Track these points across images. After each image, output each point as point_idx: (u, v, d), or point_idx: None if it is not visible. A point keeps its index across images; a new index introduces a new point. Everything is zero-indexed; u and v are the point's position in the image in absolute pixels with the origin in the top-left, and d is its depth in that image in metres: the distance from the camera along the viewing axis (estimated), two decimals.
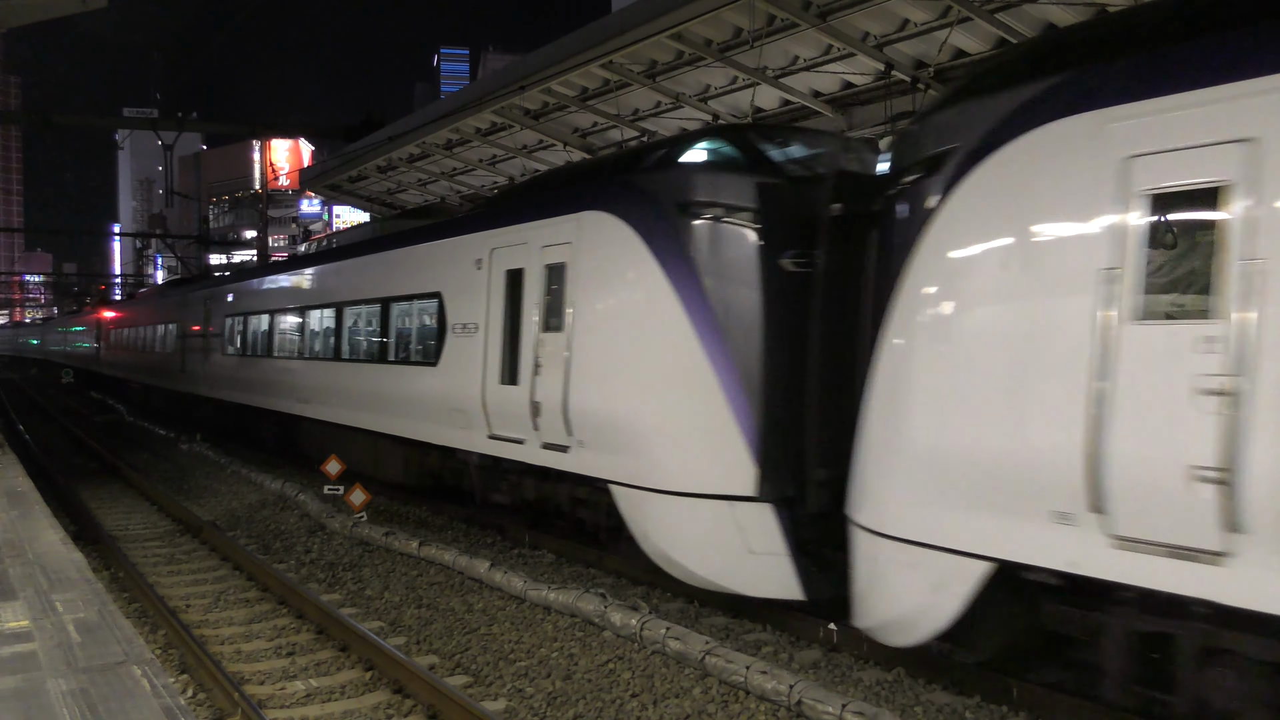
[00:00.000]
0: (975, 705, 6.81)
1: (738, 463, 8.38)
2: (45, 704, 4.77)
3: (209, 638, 8.54)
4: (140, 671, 5.26)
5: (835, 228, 8.18)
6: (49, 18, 12.88)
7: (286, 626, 8.98)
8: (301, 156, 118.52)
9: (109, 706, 4.74)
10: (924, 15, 11.73)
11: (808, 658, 7.85)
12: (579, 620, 8.71)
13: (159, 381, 29.58)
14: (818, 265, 8.34)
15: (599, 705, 6.86)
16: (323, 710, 6.92)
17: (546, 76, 14.92)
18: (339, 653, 8.16)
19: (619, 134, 16.98)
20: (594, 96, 15.92)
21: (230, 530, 13.30)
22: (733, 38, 13.07)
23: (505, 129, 18.16)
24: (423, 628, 8.83)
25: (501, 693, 7.20)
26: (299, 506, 14.50)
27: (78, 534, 12.46)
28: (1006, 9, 11.08)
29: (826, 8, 11.83)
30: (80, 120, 32.21)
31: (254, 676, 7.57)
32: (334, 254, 17.93)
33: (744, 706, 6.72)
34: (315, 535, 12.83)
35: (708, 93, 14.99)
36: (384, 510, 14.42)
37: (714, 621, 8.86)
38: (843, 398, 7.48)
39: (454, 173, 22.19)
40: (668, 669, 7.45)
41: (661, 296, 8.76)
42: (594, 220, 9.66)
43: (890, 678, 7.37)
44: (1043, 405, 5.71)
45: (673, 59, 14.14)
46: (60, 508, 14.26)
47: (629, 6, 13.14)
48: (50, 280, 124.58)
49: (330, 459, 14.60)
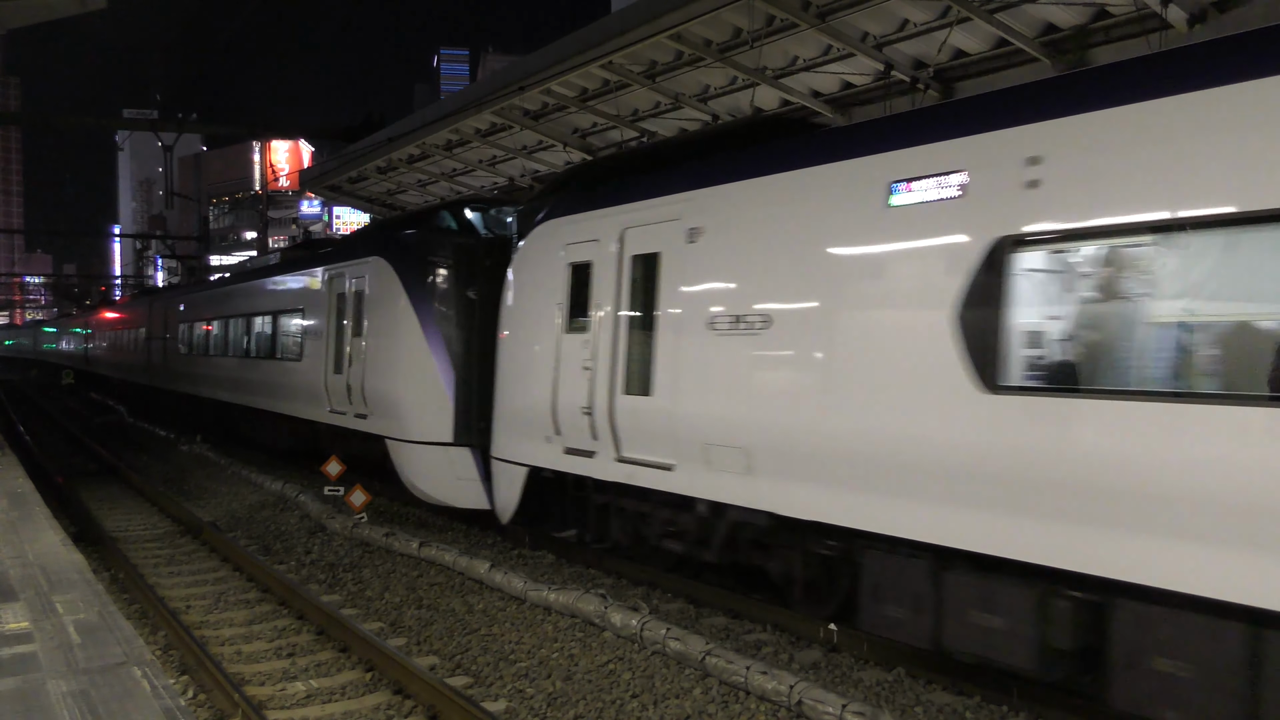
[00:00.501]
0: (976, 705, 6.81)
1: (449, 422, 12.75)
2: (45, 705, 4.77)
3: (209, 639, 8.54)
4: (140, 673, 5.26)
5: (489, 270, 12.76)
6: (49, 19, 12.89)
7: (287, 627, 8.98)
8: (301, 157, 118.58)
9: (109, 708, 4.74)
10: (924, 15, 11.73)
11: (808, 658, 7.85)
12: (579, 621, 8.71)
13: (129, 377, 34.97)
14: (481, 294, 12.84)
15: (599, 706, 6.86)
16: (323, 711, 6.92)
17: (546, 77, 14.93)
18: (339, 653, 8.16)
19: (619, 134, 16.99)
20: (594, 97, 15.93)
21: (230, 531, 13.31)
22: (732, 38, 13.08)
23: (505, 130, 18.16)
24: (423, 628, 8.83)
25: (502, 693, 7.20)
26: (299, 507, 14.50)
27: (78, 535, 12.47)
28: (1006, 9, 11.08)
29: (826, 8, 11.83)
30: (80, 121, 32.24)
31: (254, 677, 7.57)
32: (242, 276, 22.96)
33: (744, 707, 6.72)
34: (315, 536, 12.83)
35: (707, 93, 15.00)
36: (384, 511, 14.42)
37: (714, 622, 8.86)
38: (489, 379, 11.89)
39: (454, 174, 22.19)
40: (668, 669, 7.45)
41: (408, 314, 13.12)
42: (376, 263, 14.11)
43: (890, 678, 7.37)
44: (540, 378, 10.40)
45: (672, 59, 14.15)
46: (60, 509, 14.27)
47: (628, 7, 13.15)
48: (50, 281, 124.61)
49: (330, 460, 14.62)
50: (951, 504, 6.34)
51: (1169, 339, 5.60)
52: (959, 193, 6.43)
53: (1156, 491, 5.35)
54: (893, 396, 6.71)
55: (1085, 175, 5.78)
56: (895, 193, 6.83)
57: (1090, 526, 5.62)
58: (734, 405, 7.95)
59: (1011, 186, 6.11)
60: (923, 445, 6.50)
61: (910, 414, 6.58)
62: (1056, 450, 5.77)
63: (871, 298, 7.04)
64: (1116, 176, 5.64)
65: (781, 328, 7.60)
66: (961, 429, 6.25)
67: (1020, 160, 6.07)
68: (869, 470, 6.87)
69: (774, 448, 7.61)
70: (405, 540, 11.69)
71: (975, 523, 6.20)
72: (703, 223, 8.44)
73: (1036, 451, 5.86)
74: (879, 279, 7.05)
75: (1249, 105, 5.16)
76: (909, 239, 6.74)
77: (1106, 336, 5.93)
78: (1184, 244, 5.45)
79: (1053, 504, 5.79)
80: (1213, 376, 5.38)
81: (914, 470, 6.55)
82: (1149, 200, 5.47)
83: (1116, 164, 5.65)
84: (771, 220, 7.89)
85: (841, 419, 7.06)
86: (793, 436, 7.44)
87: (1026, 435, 5.92)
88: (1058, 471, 5.76)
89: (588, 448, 9.71)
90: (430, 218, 14.40)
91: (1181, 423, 5.28)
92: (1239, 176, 5.16)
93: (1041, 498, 5.84)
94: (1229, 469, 5.07)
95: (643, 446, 8.97)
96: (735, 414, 7.94)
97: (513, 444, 11.08)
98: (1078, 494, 5.67)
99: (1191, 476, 5.21)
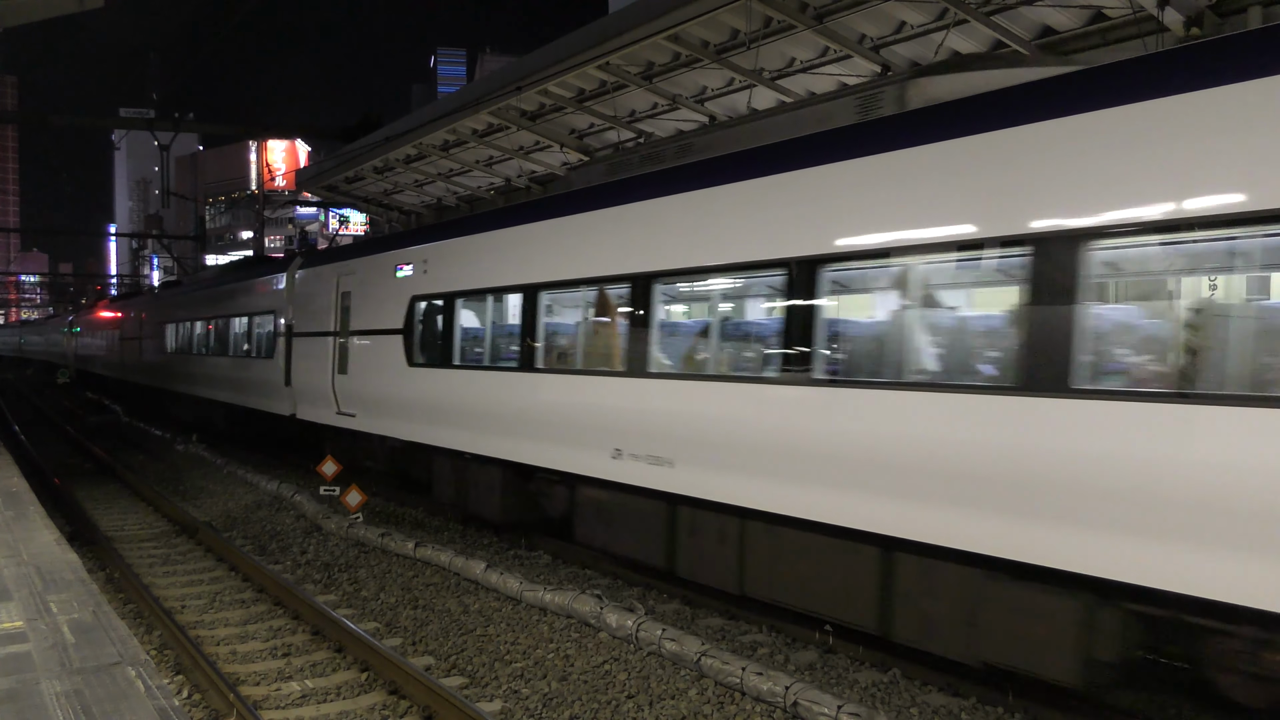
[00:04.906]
0: (971, 707, 6.81)
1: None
2: (39, 705, 4.75)
3: (204, 638, 8.53)
4: (135, 673, 5.24)
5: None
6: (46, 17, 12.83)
7: (282, 627, 8.97)
8: (298, 157, 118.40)
9: (103, 708, 4.73)
10: (921, 17, 11.73)
11: (804, 659, 7.85)
12: (575, 621, 8.70)
13: (111, 372, 38.94)
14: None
15: (595, 706, 6.86)
16: (318, 711, 6.91)
17: (543, 78, 14.91)
18: (335, 654, 8.15)
19: (615, 135, 16.98)
20: (591, 98, 15.91)
21: (226, 531, 13.28)
22: (729, 39, 13.07)
23: (502, 130, 18.14)
24: (419, 629, 8.81)
25: (497, 694, 7.19)
26: (295, 507, 14.48)
27: (73, 534, 12.44)
28: (1003, 11, 11.08)
29: (823, 10, 11.83)
30: (77, 120, 32.05)
31: (249, 677, 7.56)
32: (203, 283, 26.09)
33: (740, 708, 6.72)
34: (311, 536, 12.81)
35: (704, 94, 14.99)
36: (380, 511, 14.40)
37: (710, 623, 8.86)
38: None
39: (451, 174, 22.16)
40: (664, 670, 7.45)
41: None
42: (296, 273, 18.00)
43: (886, 679, 7.37)
44: (321, 366, 16.13)
45: (669, 60, 14.13)
46: (55, 508, 14.23)
47: (626, 8, 13.13)
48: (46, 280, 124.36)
49: (326, 460, 14.60)
50: (404, 419, 13.54)
51: (485, 341, 12.27)
52: (410, 273, 13.58)
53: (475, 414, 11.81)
54: (382, 367, 14.04)
55: (440, 268, 12.83)
56: (399, 271, 13.96)
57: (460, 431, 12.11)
58: (373, 381, 14.57)
59: (420, 272, 13.34)
60: (392, 390, 13.74)
61: (387, 376, 13.86)
62: (437, 393, 12.52)
63: (380, 318, 14.25)
64: (446, 268, 12.71)
65: (362, 338, 14.94)
66: (403, 384, 13.40)
67: (423, 261, 13.29)
68: (374, 404, 14.38)
69: (374, 401, 14.42)
70: (401, 540, 11.67)
71: (408, 429, 13.39)
72: (354, 278, 15.65)
73: (433, 395, 12.63)
74: (384, 308, 14.13)
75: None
76: (399, 293, 13.75)
77: (450, 338, 12.53)
78: (483, 299, 12.11)
79: (441, 420, 12.50)
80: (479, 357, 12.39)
81: (389, 402, 13.91)
82: (458, 281, 12.38)
83: (447, 264, 12.71)
84: (370, 280, 14.91)
85: (366, 381, 14.65)
86: (369, 392, 14.57)
87: (426, 388, 12.80)
88: (437, 404, 12.53)
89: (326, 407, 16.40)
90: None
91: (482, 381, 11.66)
92: (487, 269, 11.83)
93: (434, 416, 12.65)
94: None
95: (345, 404, 15.52)
96: (376, 386, 14.42)
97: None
98: (457, 415, 12.07)
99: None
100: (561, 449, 9.96)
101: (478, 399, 11.54)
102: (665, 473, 8.52)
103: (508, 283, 11.20)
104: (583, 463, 9.66)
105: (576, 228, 10.06)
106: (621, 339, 9.21)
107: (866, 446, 6.70)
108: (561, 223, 10.36)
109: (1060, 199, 5.76)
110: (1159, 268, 6.01)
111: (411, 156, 21.43)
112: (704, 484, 8.15)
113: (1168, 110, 5.38)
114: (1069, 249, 5.65)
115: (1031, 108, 6.10)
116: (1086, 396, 5.52)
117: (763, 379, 7.66)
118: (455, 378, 12.13)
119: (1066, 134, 5.81)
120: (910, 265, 6.70)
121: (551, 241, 10.41)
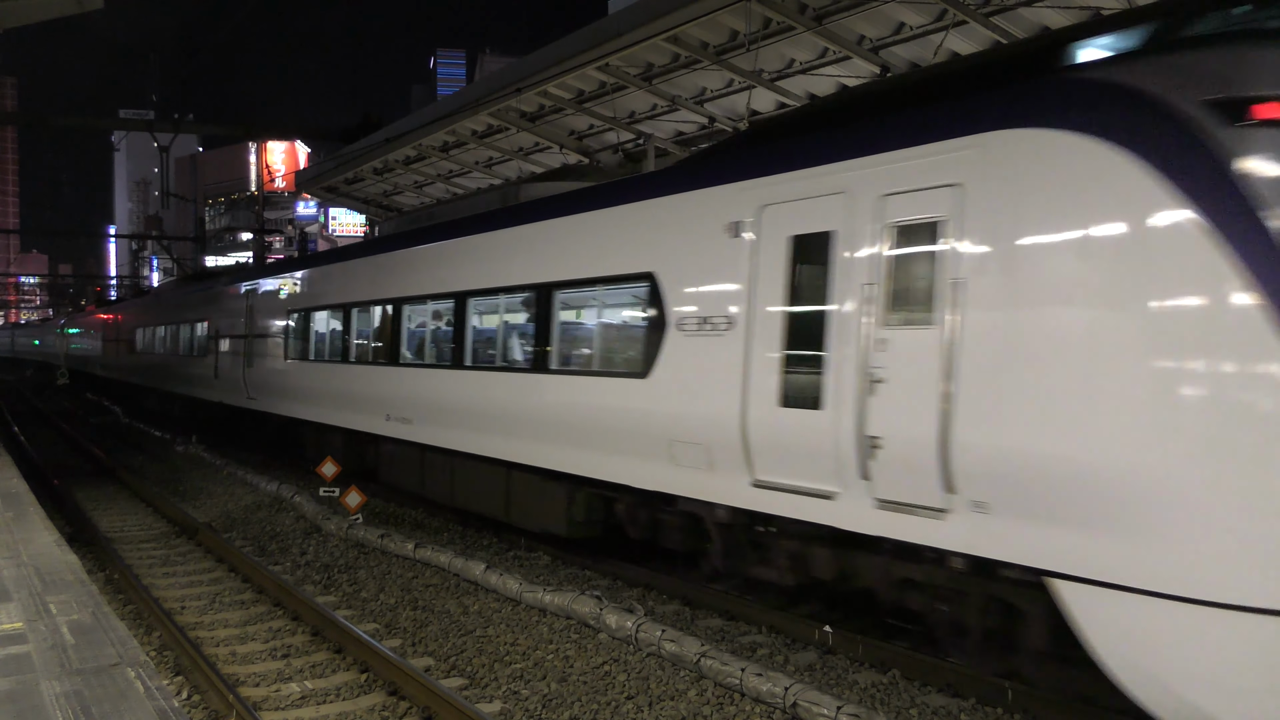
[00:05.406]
0: (971, 708, 6.82)
1: None
2: (38, 706, 4.75)
3: (204, 639, 8.53)
4: (134, 674, 5.24)
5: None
6: (46, 18, 12.83)
7: (282, 628, 8.96)
8: (298, 158, 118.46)
9: (103, 709, 4.73)
10: (919, 18, 11.75)
11: (803, 660, 7.85)
12: (574, 622, 8.71)
13: (101, 371, 42.18)
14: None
15: (594, 708, 6.86)
16: (318, 712, 6.91)
17: (543, 79, 14.92)
18: (334, 654, 8.15)
19: (615, 136, 17.00)
20: (590, 99, 15.93)
21: (226, 532, 13.28)
22: (729, 41, 13.09)
23: (501, 131, 18.16)
24: (418, 630, 8.82)
25: (497, 695, 7.19)
26: (295, 508, 14.48)
27: (72, 536, 12.44)
28: (1001, 12, 11.10)
29: (822, 11, 11.85)
30: (76, 121, 32.08)
31: (249, 678, 7.56)
32: (162, 294, 29.33)
33: (739, 709, 6.72)
34: (311, 537, 12.81)
35: (704, 95, 15.01)
36: (380, 512, 14.41)
37: (709, 624, 8.86)
38: None
39: (450, 175, 22.18)
40: (663, 671, 7.45)
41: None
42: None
43: (885, 680, 7.38)
44: (235, 362, 20.76)
45: (669, 62, 14.15)
46: (55, 509, 14.24)
47: (625, 9, 13.14)
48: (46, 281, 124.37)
49: (326, 461, 14.61)
50: (287, 400, 18.16)
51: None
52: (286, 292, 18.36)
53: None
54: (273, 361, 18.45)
55: (300, 289, 17.85)
56: (281, 293, 18.37)
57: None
58: (267, 372, 19.06)
59: (292, 290, 18.22)
60: (276, 380, 18.46)
61: (276, 368, 18.45)
62: (304, 380, 17.30)
63: (271, 324, 18.83)
64: (303, 290, 17.85)
65: (260, 340, 19.44)
66: (284, 374, 18.03)
67: (293, 283, 18.29)
68: (268, 389, 18.87)
69: (268, 387, 18.85)
70: (400, 541, 11.67)
71: (288, 407, 18.00)
72: (256, 295, 20.33)
73: (301, 382, 17.42)
74: (273, 318, 18.85)
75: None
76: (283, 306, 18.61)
77: (306, 340, 17.41)
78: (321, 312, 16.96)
79: (308, 399, 16.95)
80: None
81: (276, 387, 18.54)
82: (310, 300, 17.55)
83: (301, 287, 17.95)
84: (267, 295, 19.36)
85: (264, 373, 18.82)
86: (266, 381, 18.93)
87: (299, 377, 17.57)
88: (304, 388, 17.16)
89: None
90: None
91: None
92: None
93: (302, 396, 17.22)
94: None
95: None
96: (269, 376, 18.97)
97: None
98: (316, 396, 16.58)
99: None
100: (366, 416, 14.57)
101: (325, 384, 16.15)
102: (411, 428, 13.14)
103: (331, 302, 16.25)
104: (375, 425, 14.24)
105: (363, 269, 15.35)
106: (386, 342, 14.24)
107: (481, 407, 11.51)
108: (351, 264, 15.97)
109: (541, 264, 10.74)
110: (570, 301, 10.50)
111: (411, 158, 21.45)
112: (429, 435, 12.77)
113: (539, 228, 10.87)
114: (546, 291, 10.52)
115: (556, 211, 10.67)
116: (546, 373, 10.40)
117: (438, 366, 12.76)
118: (311, 369, 16.83)
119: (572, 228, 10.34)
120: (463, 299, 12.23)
121: (360, 274, 15.40)
